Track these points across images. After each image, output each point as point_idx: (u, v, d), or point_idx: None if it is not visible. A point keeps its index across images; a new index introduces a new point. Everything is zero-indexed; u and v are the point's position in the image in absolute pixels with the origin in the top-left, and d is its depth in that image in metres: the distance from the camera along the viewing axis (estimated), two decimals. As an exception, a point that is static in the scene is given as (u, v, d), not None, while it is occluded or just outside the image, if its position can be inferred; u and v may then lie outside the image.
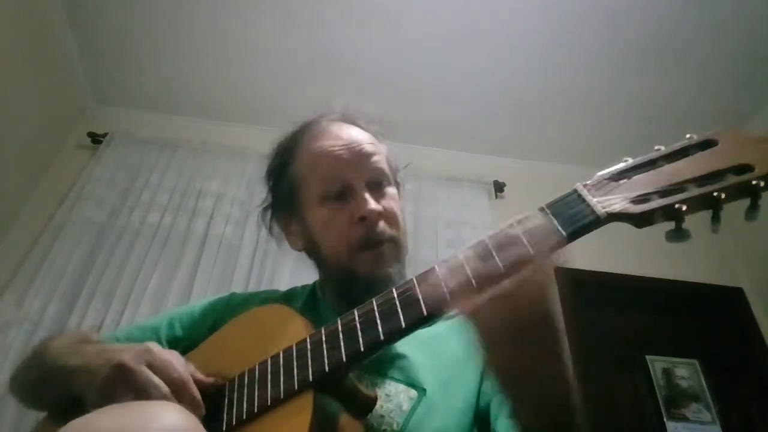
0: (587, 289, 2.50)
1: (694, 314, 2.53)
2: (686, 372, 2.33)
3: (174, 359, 0.64)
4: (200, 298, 2.13)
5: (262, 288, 2.16)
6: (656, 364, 2.34)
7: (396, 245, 0.78)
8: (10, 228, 2.34)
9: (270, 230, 0.91)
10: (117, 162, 2.52)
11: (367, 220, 0.75)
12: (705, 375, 2.32)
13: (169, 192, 2.45)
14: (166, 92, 2.72)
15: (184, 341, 0.84)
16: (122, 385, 0.60)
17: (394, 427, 0.64)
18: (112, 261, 2.20)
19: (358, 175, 0.78)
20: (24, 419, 1.80)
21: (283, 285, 2.06)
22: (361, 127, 0.87)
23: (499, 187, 2.72)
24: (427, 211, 2.54)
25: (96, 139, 2.62)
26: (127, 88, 2.72)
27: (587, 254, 2.43)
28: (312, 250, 0.84)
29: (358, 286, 0.73)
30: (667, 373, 2.32)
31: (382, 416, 0.64)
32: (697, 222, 0.53)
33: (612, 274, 2.52)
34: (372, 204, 0.76)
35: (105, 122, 2.70)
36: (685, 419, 2.20)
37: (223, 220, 2.40)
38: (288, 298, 0.90)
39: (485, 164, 2.82)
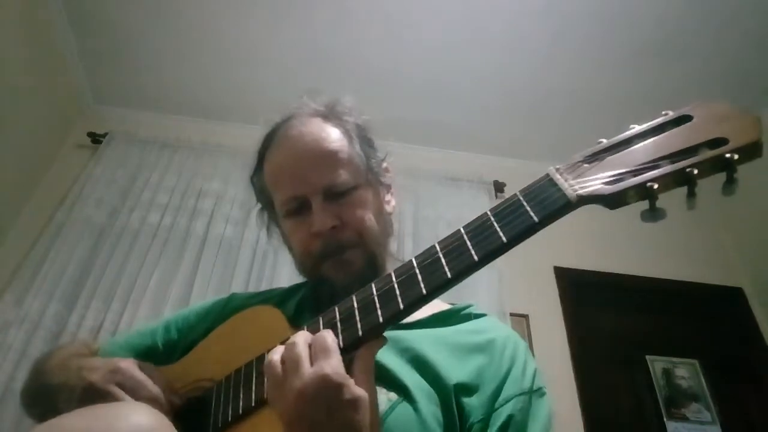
0: (587, 289, 2.50)
1: (694, 314, 2.53)
2: (686, 372, 2.33)
3: (144, 379, 0.65)
4: (200, 298, 2.14)
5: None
6: (656, 364, 2.34)
7: (363, 249, 0.76)
8: (11, 228, 2.35)
9: (267, 230, 0.91)
10: (117, 162, 2.53)
11: (321, 235, 0.75)
12: (705, 375, 2.31)
13: (169, 192, 2.45)
14: (166, 92, 2.73)
15: (181, 344, 0.85)
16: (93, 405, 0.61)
17: None
18: (112, 261, 2.20)
19: (312, 188, 0.76)
20: (24, 419, 1.80)
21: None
22: (332, 123, 0.83)
23: (499, 187, 2.72)
24: (427, 211, 2.54)
25: (96, 139, 2.62)
26: (127, 88, 2.73)
27: (587, 254, 2.44)
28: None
29: (327, 289, 0.74)
30: (667, 373, 2.32)
31: None
32: (696, 222, 0.52)
33: (612, 274, 2.52)
34: (321, 222, 0.74)
35: (105, 122, 2.70)
36: (685, 419, 2.20)
37: (223, 220, 2.40)
38: (287, 295, 0.90)
39: (485, 164, 2.82)
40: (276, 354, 0.54)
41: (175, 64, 2.59)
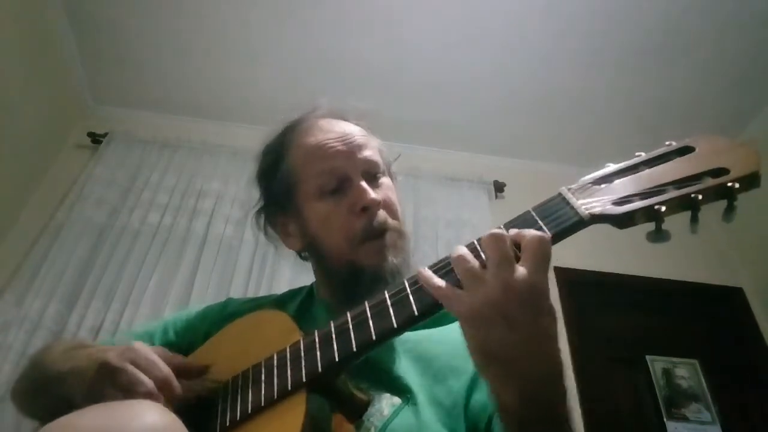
0: (587, 289, 2.50)
1: (694, 314, 2.53)
2: (686, 372, 2.33)
3: (157, 359, 0.64)
4: (200, 298, 2.14)
5: (262, 288, 2.16)
6: (656, 364, 2.34)
7: (399, 234, 0.77)
8: (11, 228, 2.34)
9: (265, 233, 0.90)
10: (117, 162, 2.52)
11: (368, 210, 0.74)
12: (705, 375, 2.31)
13: (169, 192, 2.45)
14: (166, 92, 2.72)
15: (179, 346, 0.84)
16: (108, 384, 0.60)
17: (372, 431, 0.63)
18: (112, 261, 2.20)
19: (353, 167, 0.77)
20: (24, 420, 1.80)
21: (283, 285, 2.06)
22: (350, 122, 0.86)
23: (499, 187, 2.72)
24: (427, 211, 2.54)
25: (96, 139, 2.62)
26: (127, 88, 2.73)
27: (587, 254, 2.44)
28: (312, 248, 0.82)
29: (363, 280, 0.72)
30: (667, 373, 2.32)
31: (362, 421, 0.64)
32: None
33: (612, 274, 2.52)
34: (372, 194, 0.75)
35: (105, 122, 2.70)
36: (685, 419, 2.20)
37: (223, 220, 2.40)
38: (283, 301, 0.90)
39: (485, 164, 2.82)
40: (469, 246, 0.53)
41: (175, 64, 2.59)
